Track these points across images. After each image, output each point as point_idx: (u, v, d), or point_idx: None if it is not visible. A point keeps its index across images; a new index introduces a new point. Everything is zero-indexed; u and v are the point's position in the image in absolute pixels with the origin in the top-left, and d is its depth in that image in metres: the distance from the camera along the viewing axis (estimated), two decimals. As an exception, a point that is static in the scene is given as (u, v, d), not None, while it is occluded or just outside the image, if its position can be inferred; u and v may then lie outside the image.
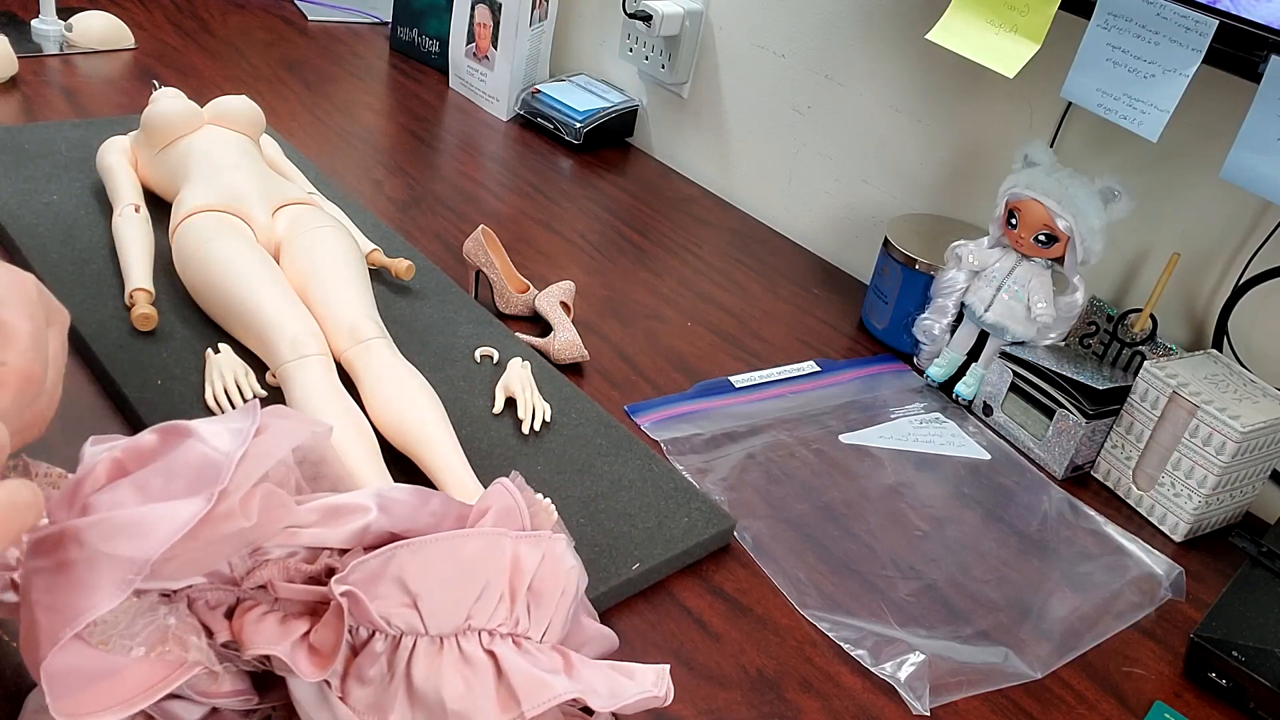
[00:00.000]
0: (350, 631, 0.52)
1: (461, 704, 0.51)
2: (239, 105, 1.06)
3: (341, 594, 0.51)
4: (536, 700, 0.52)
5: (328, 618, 0.52)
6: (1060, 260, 1.01)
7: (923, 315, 1.09)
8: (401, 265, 1.01)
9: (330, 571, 0.54)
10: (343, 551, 0.54)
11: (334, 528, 0.53)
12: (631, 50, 1.51)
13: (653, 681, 0.55)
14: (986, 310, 1.04)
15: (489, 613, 0.53)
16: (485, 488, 0.75)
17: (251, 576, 0.53)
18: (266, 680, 0.55)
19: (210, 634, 0.52)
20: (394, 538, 0.55)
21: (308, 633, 0.52)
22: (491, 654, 0.53)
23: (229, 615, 0.53)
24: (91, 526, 0.46)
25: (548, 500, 0.73)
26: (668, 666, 0.55)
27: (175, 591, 0.51)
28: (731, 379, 1.03)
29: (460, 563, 0.53)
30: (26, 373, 0.47)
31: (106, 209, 1.03)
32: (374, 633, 0.52)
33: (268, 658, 0.53)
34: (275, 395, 0.84)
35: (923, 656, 0.75)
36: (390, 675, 0.52)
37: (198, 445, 0.49)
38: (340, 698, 0.52)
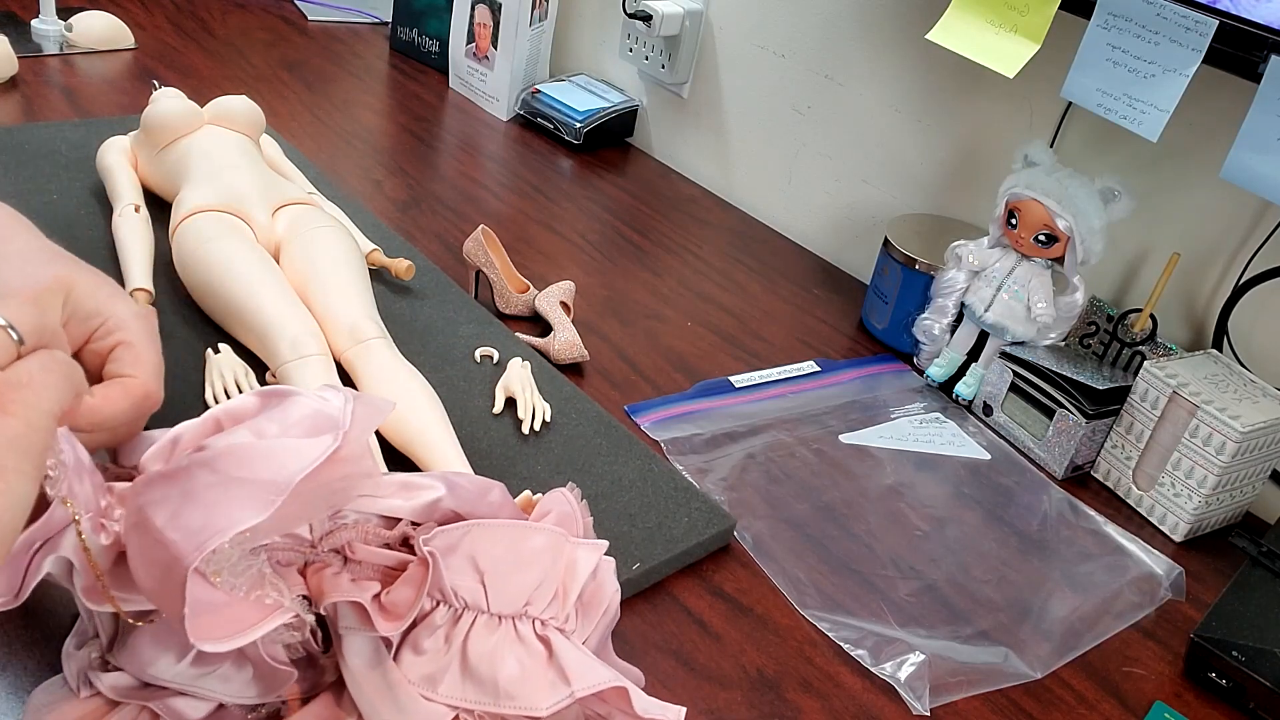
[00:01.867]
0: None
1: (513, 683, 0.53)
2: (239, 105, 1.06)
3: (429, 552, 0.53)
4: (586, 683, 0.53)
5: (409, 575, 0.54)
6: (1060, 260, 1.01)
7: (923, 315, 1.09)
8: (401, 265, 1.01)
9: (405, 540, 0.56)
10: (414, 525, 0.57)
11: (408, 500, 0.56)
12: (631, 50, 1.51)
13: (675, 714, 0.56)
14: (986, 310, 1.04)
15: (544, 604, 0.56)
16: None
17: (329, 538, 0.55)
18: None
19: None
20: (459, 518, 0.57)
21: (379, 594, 0.54)
22: (544, 640, 0.55)
23: (301, 574, 0.55)
24: (221, 455, 0.47)
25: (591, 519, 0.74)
26: (684, 710, 0.56)
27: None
28: (731, 379, 1.03)
29: (526, 551, 0.56)
30: (151, 389, 0.57)
31: (106, 209, 1.03)
32: (436, 605, 0.54)
33: (320, 624, 0.54)
34: (275, 395, 0.84)
35: (923, 656, 0.75)
36: (447, 647, 0.54)
37: (306, 400, 0.51)
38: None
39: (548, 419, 0.88)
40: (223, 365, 0.85)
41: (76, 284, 0.57)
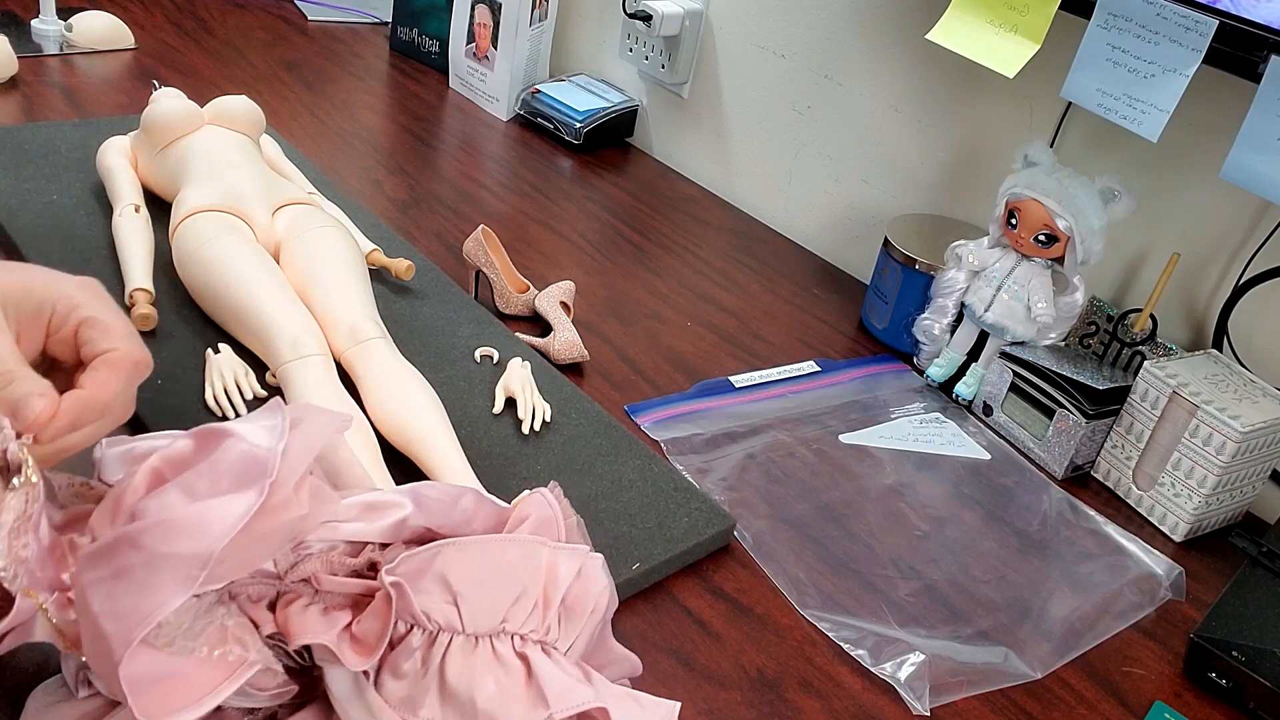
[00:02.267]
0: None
1: (492, 704, 0.52)
2: (239, 105, 1.06)
3: (390, 584, 0.52)
4: (565, 704, 0.52)
5: (374, 607, 0.53)
6: (1060, 260, 1.01)
7: (923, 315, 1.09)
8: (401, 265, 1.01)
9: (373, 566, 0.55)
10: (383, 546, 0.56)
11: (373, 522, 0.55)
12: (631, 50, 1.51)
13: (662, 717, 0.55)
14: (986, 310, 1.04)
15: (523, 618, 0.54)
16: (485, 488, 0.75)
17: (295, 570, 0.53)
18: (295, 675, 0.55)
19: (255, 626, 0.52)
20: (429, 534, 0.56)
21: (350, 624, 0.53)
22: (523, 657, 0.54)
23: (271, 608, 0.54)
24: (146, 530, 0.46)
25: (578, 517, 0.74)
26: (679, 705, 0.56)
27: (219, 588, 0.51)
28: (731, 379, 1.03)
29: (500, 566, 0.55)
30: (137, 357, 0.56)
31: (106, 209, 1.03)
32: (411, 627, 0.53)
33: (308, 649, 0.53)
34: (275, 395, 0.84)
35: (923, 656, 0.75)
36: (424, 670, 0.53)
37: (237, 443, 0.49)
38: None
39: (548, 419, 0.88)
40: (223, 365, 0.85)
41: (6, 291, 0.55)
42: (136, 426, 0.81)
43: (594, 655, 0.59)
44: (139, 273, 0.92)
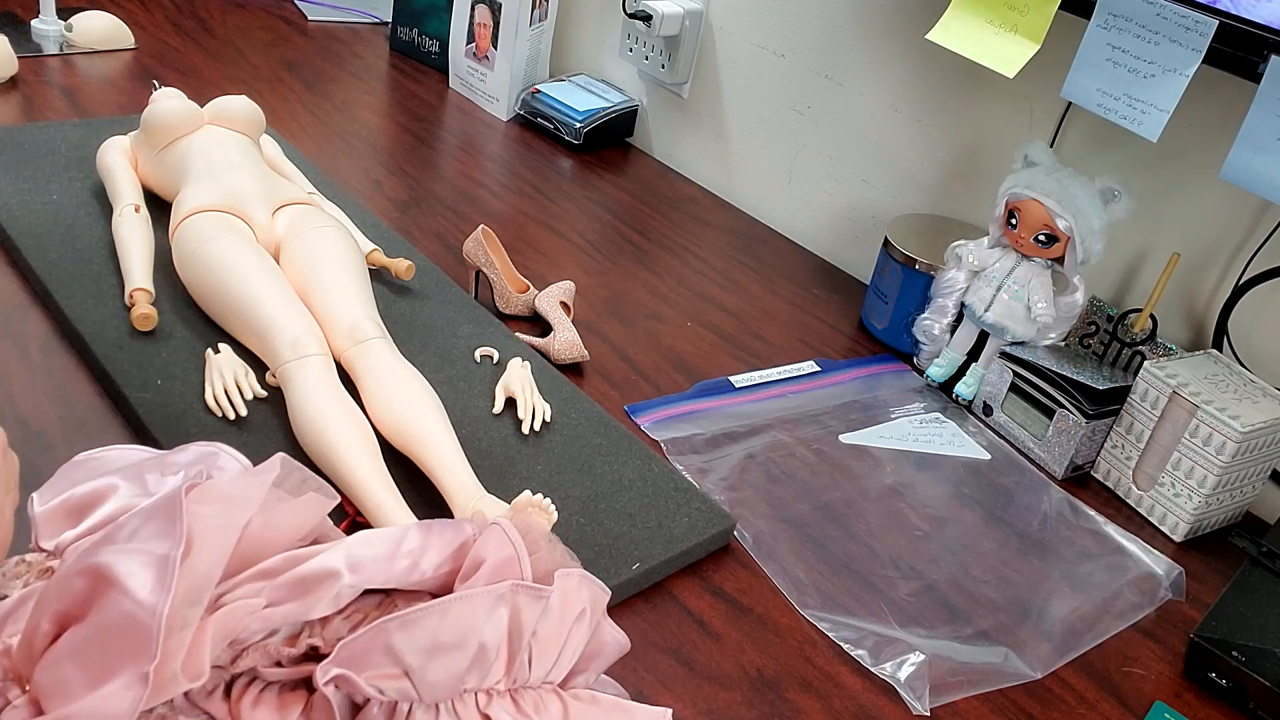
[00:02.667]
0: (349, 695, 0.52)
1: None
2: (239, 105, 1.06)
3: (328, 680, 0.51)
4: None
5: (318, 704, 0.52)
6: (1060, 260, 1.01)
7: (923, 315, 1.09)
8: (401, 265, 1.01)
9: (314, 649, 0.53)
10: (324, 620, 0.53)
11: (307, 600, 0.52)
12: (631, 50, 1.51)
13: None
14: (986, 310, 1.04)
15: (484, 674, 0.53)
16: (485, 488, 0.75)
17: (235, 664, 0.52)
18: None
19: (211, 719, 0.52)
20: (377, 592, 0.54)
21: (306, 707, 0.52)
22: (487, 717, 0.52)
23: (227, 694, 0.52)
24: None
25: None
26: (669, 712, 0.55)
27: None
28: (731, 379, 1.03)
29: (452, 630, 0.52)
30: None
31: (106, 209, 1.03)
32: (367, 700, 0.52)
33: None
34: (275, 395, 0.84)
35: (923, 656, 0.75)
36: None
37: (120, 601, 0.47)
38: None
39: (548, 419, 0.88)
40: (223, 365, 0.85)
41: None
42: (137, 428, 0.81)
43: (586, 646, 0.58)
44: (139, 273, 0.92)
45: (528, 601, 0.54)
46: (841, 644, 0.75)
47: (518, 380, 0.89)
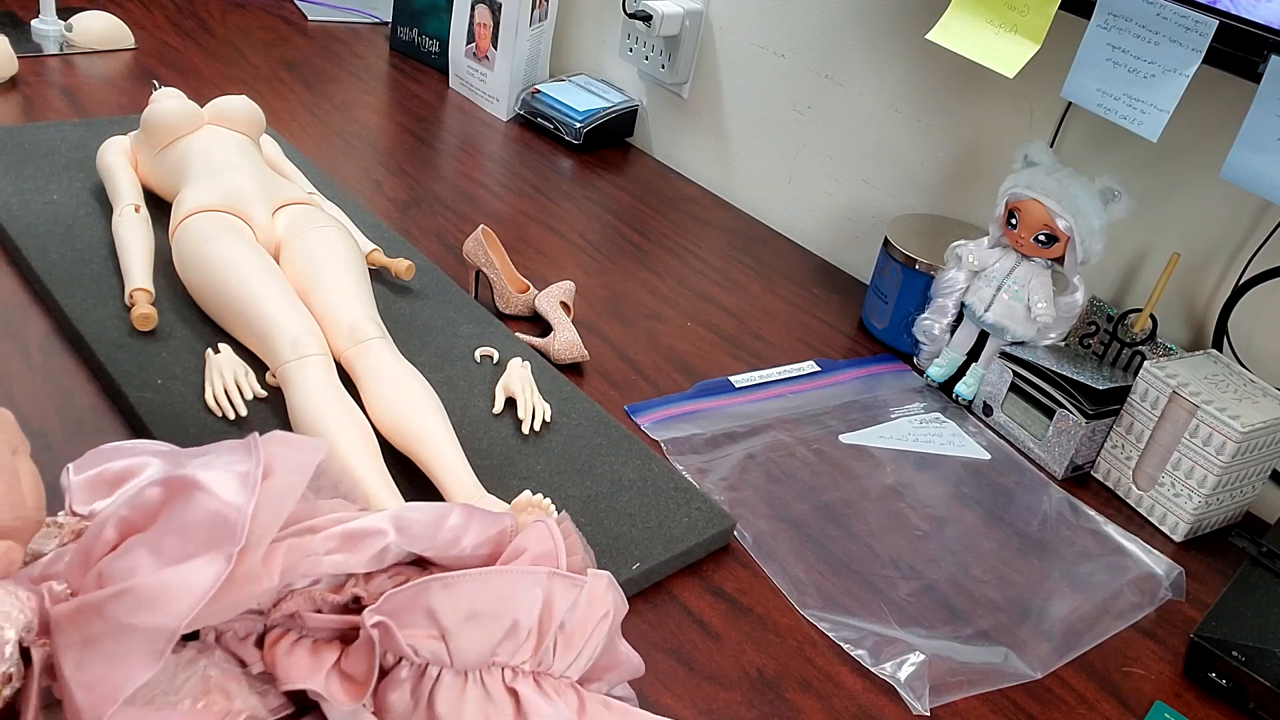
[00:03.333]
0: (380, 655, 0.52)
1: None
2: (239, 105, 1.06)
3: (373, 624, 0.51)
4: None
5: (359, 647, 0.52)
6: (1060, 260, 1.01)
7: (923, 315, 1.09)
8: (401, 265, 1.01)
9: (356, 600, 0.54)
10: (368, 575, 0.55)
11: (354, 553, 0.54)
12: (631, 50, 1.51)
13: None
14: (986, 310, 1.04)
15: (514, 650, 0.54)
16: (485, 488, 0.75)
17: (278, 608, 0.53)
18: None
19: (244, 664, 0.52)
20: (416, 557, 0.55)
21: (339, 660, 0.53)
22: (513, 691, 0.53)
23: (259, 643, 0.53)
24: (112, 599, 0.45)
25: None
26: None
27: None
28: (731, 379, 1.03)
29: (490, 601, 0.54)
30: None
31: (106, 209, 1.03)
32: (400, 659, 0.53)
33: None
34: (275, 395, 0.84)
35: (923, 656, 0.75)
36: (414, 704, 0.52)
37: (207, 500, 0.48)
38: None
39: (548, 419, 0.88)
40: (223, 365, 0.85)
41: None
42: (137, 427, 0.81)
43: (601, 657, 0.59)
44: (139, 273, 0.92)
45: (562, 589, 0.55)
46: (841, 644, 0.75)
47: (518, 380, 0.89)
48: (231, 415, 0.81)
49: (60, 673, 0.46)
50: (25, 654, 0.48)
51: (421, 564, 0.57)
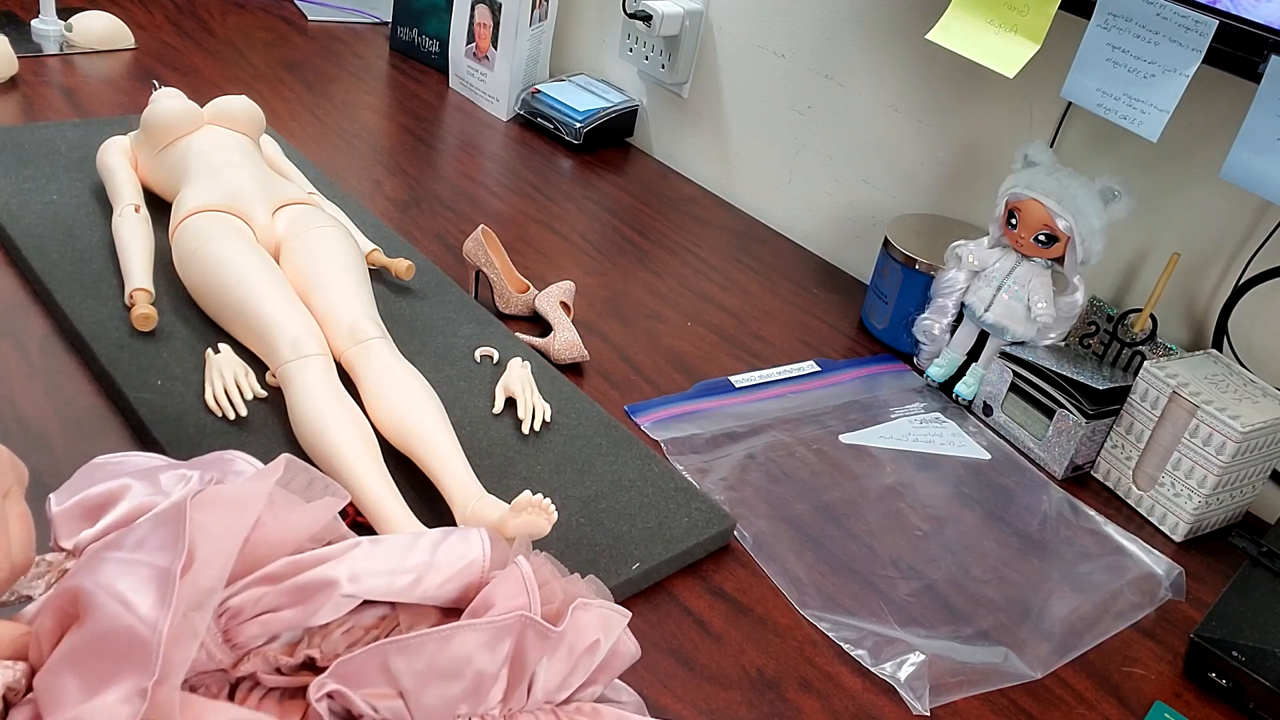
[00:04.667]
0: (345, 709, 0.52)
1: None
2: (239, 105, 1.06)
3: (321, 696, 0.51)
4: None
5: (312, 716, 0.51)
6: (1060, 260, 1.01)
7: (923, 315, 1.09)
8: (401, 265, 1.01)
9: (311, 660, 0.53)
10: (323, 629, 0.53)
11: (306, 607, 0.52)
12: (631, 50, 1.51)
13: None
14: (986, 310, 1.04)
15: (479, 700, 0.53)
16: (485, 488, 0.75)
17: (237, 669, 0.52)
18: None
19: None
20: (380, 604, 0.54)
21: (305, 714, 0.52)
22: None
23: (231, 697, 0.52)
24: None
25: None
26: None
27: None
28: (731, 379, 1.03)
29: (452, 659, 0.52)
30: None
31: (106, 209, 1.03)
32: (360, 716, 0.52)
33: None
34: (275, 395, 0.84)
35: (923, 656, 0.75)
36: None
37: (122, 616, 0.47)
38: None
39: (548, 419, 0.88)
40: (223, 365, 0.85)
41: None
42: (137, 427, 0.81)
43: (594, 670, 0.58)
44: (139, 273, 0.92)
45: (535, 638, 0.54)
46: (841, 644, 0.75)
47: (518, 380, 0.89)
48: (231, 415, 0.81)
49: None
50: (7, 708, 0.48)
51: (386, 602, 0.55)
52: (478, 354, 0.94)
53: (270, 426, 0.81)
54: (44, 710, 0.46)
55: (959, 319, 1.07)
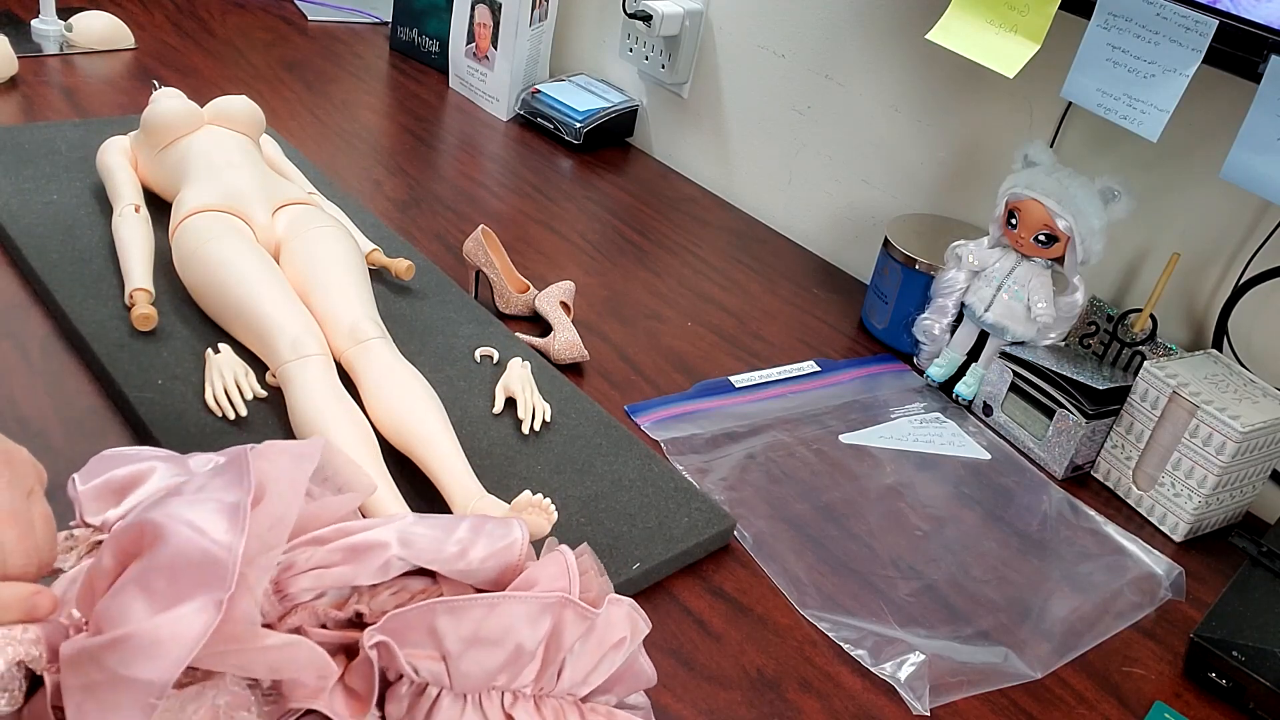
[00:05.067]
0: (382, 670, 0.52)
1: None
2: (239, 105, 1.06)
3: (373, 645, 0.51)
4: None
5: (359, 665, 0.52)
6: (1060, 260, 1.01)
7: (923, 315, 1.09)
8: (401, 265, 1.01)
9: (359, 616, 0.54)
10: (372, 589, 0.54)
11: (358, 565, 0.53)
12: (631, 50, 1.51)
13: None
14: (986, 310, 1.04)
15: (515, 675, 0.53)
16: (485, 488, 0.75)
17: (283, 622, 0.53)
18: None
19: (255, 682, 0.52)
20: (421, 571, 0.55)
21: (343, 675, 0.53)
22: (510, 717, 0.53)
23: None
24: (106, 648, 0.45)
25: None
26: None
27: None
28: (731, 379, 1.03)
29: (497, 626, 0.53)
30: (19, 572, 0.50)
31: (106, 209, 1.03)
32: (400, 676, 0.52)
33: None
34: (275, 395, 0.84)
35: (923, 656, 0.75)
36: None
37: (196, 540, 0.47)
38: None
39: (548, 419, 0.88)
40: (223, 365, 0.85)
41: None
42: (137, 427, 0.81)
43: (616, 673, 0.58)
44: (139, 273, 0.92)
45: (573, 619, 0.54)
46: (841, 644, 0.75)
47: (518, 380, 0.89)
48: (231, 415, 0.81)
49: (68, 712, 0.46)
50: (38, 680, 0.48)
51: (428, 574, 0.56)
52: (478, 354, 0.94)
53: (270, 426, 0.81)
54: (107, 629, 0.46)
55: (959, 319, 1.07)
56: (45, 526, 0.52)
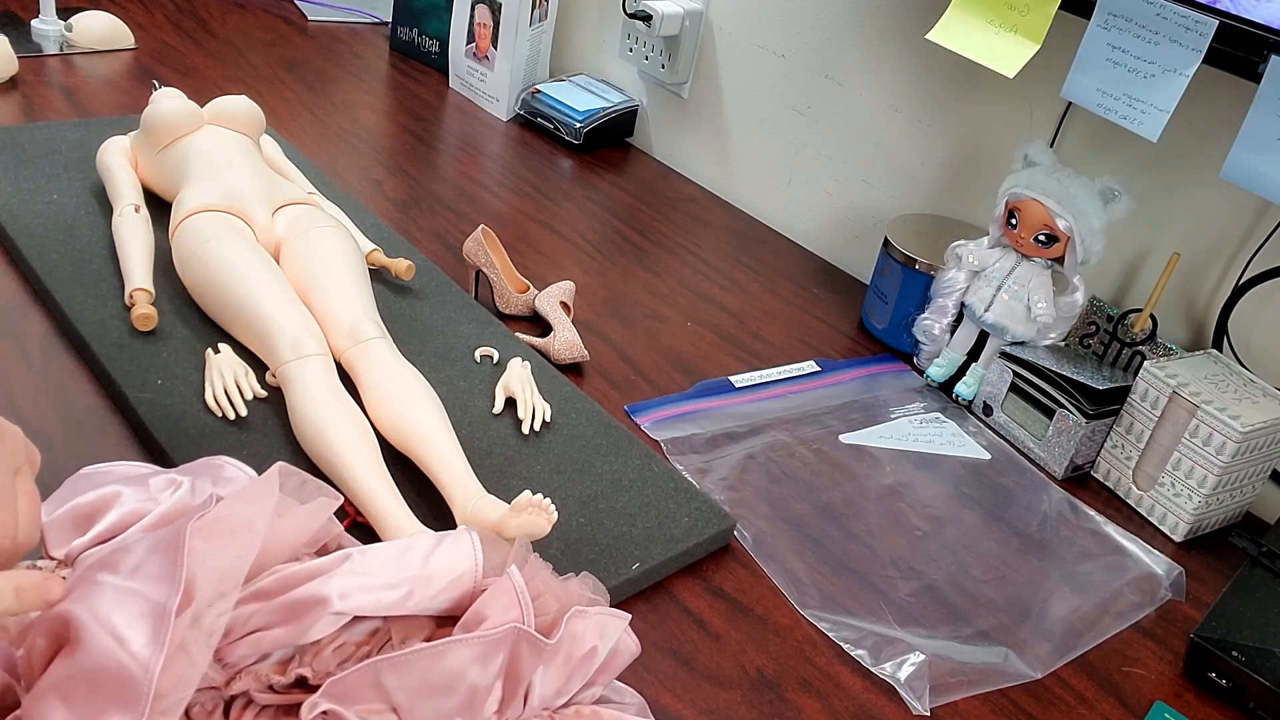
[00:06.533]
0: None
1: None
2: (239, 105, 1.06)
3: (315, 717, 0.50)
4: None
5: None
6: (1060, 260, 1.01)
7: (923, 315, 1.09)
8: (401, 265, 1.01)
9: (303, 679, 0.52)
10: (315, 646, 0.53)
11: (298, 626, 0.52)
12: (631, 50, 1.51)
13: None
14: (986, 310, 1.04)
15: (475, 713, 0.52)
16: (485, 488, 0.75)
17: (230, 686, 0.52)
18: None
19: None
20: (369, 616, 0.54)
21: None
22: None
23: (226, 714, 0.52)
24: None
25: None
26: None
27: None
28: (731, 379, 1.03)
29: (443, 674, 0.52)
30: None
31: (106, 209, 1.03)
32: None
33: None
34: (275, 395, 0.84)
35: (923, 656, 0.75)
36: None
37: (114, 652, 0.46)
38: None
39: (548, 419, 0.88)
40: (223, 365, 0.85)
41: None
42: (137, 427, 0.81)
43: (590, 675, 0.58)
44: (139, 273, 0.92)
45: (529, 651, 0.54)
46: (841, 644, 0.75)
47: (518, 380, 0.89)
48: (231, 415, 0.81)
49: None
50: None
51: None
52: (478, 354, 0.94)
53: (270, 426, 0.81)
54: None
55: (959, 319, 1.07)
56: (29, 505, 0.50)
